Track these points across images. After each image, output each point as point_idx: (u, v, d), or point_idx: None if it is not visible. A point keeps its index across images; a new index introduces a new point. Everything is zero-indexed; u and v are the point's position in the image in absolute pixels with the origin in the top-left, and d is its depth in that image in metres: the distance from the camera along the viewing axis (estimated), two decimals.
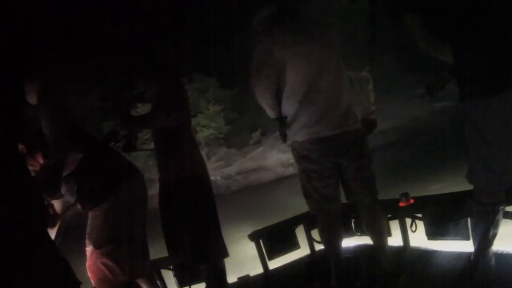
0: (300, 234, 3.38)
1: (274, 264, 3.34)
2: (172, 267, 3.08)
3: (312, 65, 2.11)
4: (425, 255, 2.66)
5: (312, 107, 2.11)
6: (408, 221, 2.85)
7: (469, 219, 2.29)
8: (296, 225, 3.38)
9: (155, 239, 2.68)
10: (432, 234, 2.65)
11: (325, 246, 2.41)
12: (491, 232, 1.91)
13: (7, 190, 1.38)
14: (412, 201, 2.81)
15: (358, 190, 2.22)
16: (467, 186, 2.00)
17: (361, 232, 3.05)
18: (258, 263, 3.28)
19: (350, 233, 3.16)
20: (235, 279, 3.13)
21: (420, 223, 2.75)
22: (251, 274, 3.26)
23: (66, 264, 1.58)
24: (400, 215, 2.88)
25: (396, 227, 2.90)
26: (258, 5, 2.25)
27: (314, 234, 3.28)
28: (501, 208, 1.89)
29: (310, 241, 3.35)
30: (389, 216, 2.75)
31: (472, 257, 2.02)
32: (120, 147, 2.44)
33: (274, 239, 3.29)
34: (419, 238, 2.78)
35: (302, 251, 3.40)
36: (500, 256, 2.17)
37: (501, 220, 1.92)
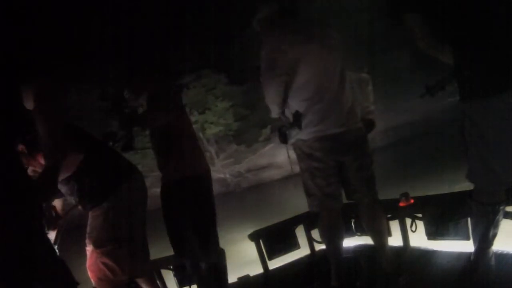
0: (300, 234, 3.38)
1: (274, 264, 3.34)
2: (172, 267, 3.08)
3: (319, 64, 2.13)
4: (425, 255, 2.66)
5: (318, 105, 2.13)
6: (408, 221, 2.85)
7: (469, 219, 2.29)
8: (296, 225, 3.38)
9: (155, 239, 2.68)
10: (432, 234, 2.65)
11: (326, 245, 2.42)
12: (491, 232, 1.91)
13: (5, 190, 1.37)
14: (412, 201, 2.81)
15: (359, 189, 2.24)
16: (468, 186, 2.01)
17: (361, 232, 3.05)
18: (258, 263, 3.28)
19: (350, 233, 3.16)
20: (235, 279, 3.14)
21: (420, 223, 2.75)
22: (251, 274, 3.27)
23: (63, 264, 1.58)
24: (400, 215, 2.88)
25: (396, 227, 2.90)
26: (260, 3, 2.25)
27: (314, 234, 3.28)
28: (501, 208, 1.89)
29: (310, 241, 3.36)
30: (389, 216, 2.75)
31: (472, 257, 2.02)
32: (119, 146, 2.44)
33: (274, 239, 3.29)
34: (419, 238, 2.79)
35: (302, 251, 3.40)
36: (500, 256, 2.18)
37: (501, 220, 1.92)
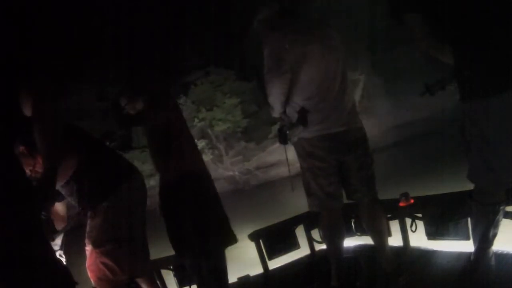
0: (300, 234, 3.38)
1: (274, 264, 3.34)
2: (172, 267, 3.07)
3: (320, 64, 2.14)
4: (425, 255, 2.66)
5: (320, 104, 2.14)
6: (408, 221, 2.85)
7: (469, 219, 2.29)
8: (296, 225, 3.38)
9: (155, 239, 2.68)
10: (432, 234, 2.65)
11: (326, 245, 2.42)
12: (491, 232, 1.91)
13: (5, 190, 1.37)
14: (412, 201, 2.81)
15: (359, 189, 2.24)
16: (468, 186, 2.00)
17: (361, 232, 3.05)
18: (258, 263, 3.28)
19: (350, 233, 3.16)
20: (235, 279, 3.14)
21: (420, 223, 2.75)
22: (251, 274, 3.27)
23: (62, 264, 1.58)
24: (400, 215, 2.88)
25: (396, 227, 2.89)
26: (260, 4, 2.25)
27: (314, 234, 3.28)
28: (501, 208, 1.89)
29: (310, 241, 3.36)
30: (389, 216, 2.75)
31: (472, 257, 2.02)
32: (118, 146, 2.45)
33: (274, 239, 3.29)
34: (419, 238, 2.79)
35: (302, 251, 3.40)
36: (500, 256, 2.18)
37: (501, 220, 1.92)
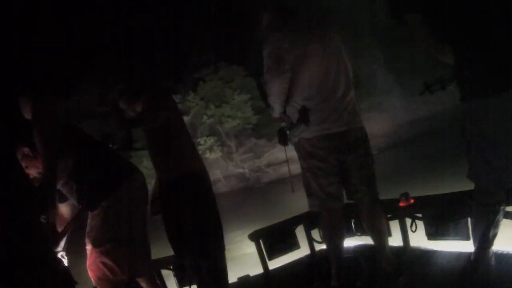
0: (300, 234, 3.38)
1: (274, 264, 3.34)
2: (172, 267, 3.07)
3: (321, 64, 2.14)
4: (425, 255, 2.66)
5: (321, 104, 2.14)
6: (408, 221, 2.85)
7: (469, 219, 2.29)
8: (296, 225, 3.38)
9: (155, 239, 2.68)
10: (432, 234, 2.65)
11: (326, 245, 2.42)
12: (491, 232, 1.91)
13: (5, 190, 1.38)
14: (412, 201, 2.80)
15: (360, 188, 2.24)
16: (468, 186, 2.00)
17: (361, 232, 3.05)
18: (258, 263, 3.28)
19: (350, 233, 3.16)
20: (235, 279, 3.13)
21: (420, 223, 2.74)
22: (251, 274, 3.26)
23: (62, 264, 1.58)
24: (400, 215, 2.87)
25: (396, 227, 2.89)
26: (261, 14, 2.25)
27: (314, 234, 3.28)
28: (501, 208, 1.89)
29: (310, 241, 3.35)
30: (389, 216, 2.74)
31: (472, 257, 2.02)
32: (118, 146, 2.45)
33: (274, 239, 3.28)
34: (419, 238, 2.78)
35: (302, 251, 3.39)
36: (500, 256, 2.17)
37: (501, 220, 1.93)
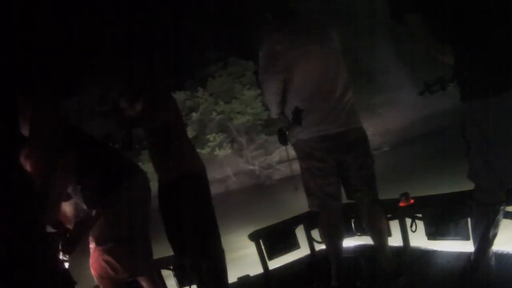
0: (300, 234, 3.38)
1: (274, 264, 3.34)
2: (172, 267, 3.07)
3: (319, 65, 2.14)
4: (425, 255, 2.67)
5: (319, 105, 2.14)
6: (408, 221, 2.85)
7: (469, 219, 2.29)
8: (296, 225, 3.38)
9: (155, 239, 2.69)
10: (432, 234, 2.65)
11: (326, 245, 2.43)
12: (491, 232, 1.91)
13: (5, 190, 1.38)
14: (412, 201, 2.80)
15: (360, 188, 2.24)
16: (468, 186, 2.00)
17: (361, 232, 3.05)
18: (258, 263, 3.28)
19: (350, 233, 3.16)
20: (235, 279, 3.14)
21: (420, 223, 2.75)
22: (251, 274, 3.27)
23: (62, 264, 1.59)
24: (400, 215, 2.87)
25: (396, 227, 2.89)
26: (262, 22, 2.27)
27: (314, 234, 3.28)
28: (501, 208, 1.89)
29: (310, 241, 3.35)
30: (389, 216, 2.75)
31: (472, 257, 2.02)
32: (119, 147, 2.46)
33: (274, 239, 3.28)
34: (419, 238, 2.78)
35: (302, 251, 3.39)
36: (500, 256, 2.18)
37: (501, 220, 1.92)
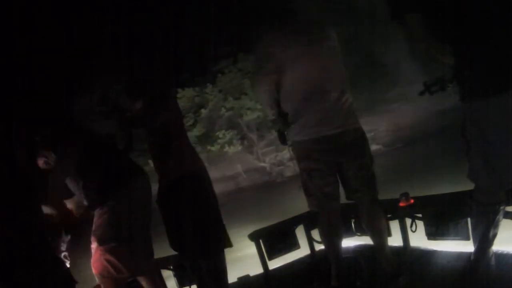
0: (300, 234, 3.38)
1: (274, 264, 3.34)
2: (172, 267, 3.07)
3: (314, 65, 2.12)
4: (425, 255, 2.66)
5: (314, 107, 2.12)
6: (408, 221, 2.85)
7: (469, 219, 2.29)
8: (296, 225, 3.38)
9: (155, 239, 2.69)
10: (432, 234, 2.64)
11: (325, 245, 2.42)
12: (491, 232, 1.91)
13: (5, 190, 1.38)
14: (412, 201, 2.80)
15: (359, 189, 2.23)
16: (468, 186, 2.01)
17: (361, 232, 3.05)
18: (258, 263, 3.28)
19: (350, 233, 3.16)
20: (235, 279, 3.14)
21: (420, 223, 2.74)
22: (251, 274, 3.27)
23: (62, 264, 1.59)
24: (400, 215, 2.87)
25: (396, 227, 2.89)
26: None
27: (314, 234, 3.28)
28: (501, 208, 1.89)
29: (310, 241, 3.35)
30: (389, 216, 2.75)
31: (472, 257, 2.02)
32: (119, 147, 2.46)
33: (274, 239, 3.29)
34: (419, 238, 2.78)
35: (302, 251, 3.39)
36: (500, 256, 2.18)
37: (501, 220, 1.92)
